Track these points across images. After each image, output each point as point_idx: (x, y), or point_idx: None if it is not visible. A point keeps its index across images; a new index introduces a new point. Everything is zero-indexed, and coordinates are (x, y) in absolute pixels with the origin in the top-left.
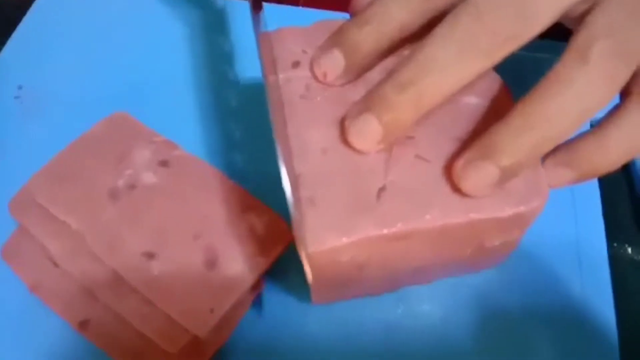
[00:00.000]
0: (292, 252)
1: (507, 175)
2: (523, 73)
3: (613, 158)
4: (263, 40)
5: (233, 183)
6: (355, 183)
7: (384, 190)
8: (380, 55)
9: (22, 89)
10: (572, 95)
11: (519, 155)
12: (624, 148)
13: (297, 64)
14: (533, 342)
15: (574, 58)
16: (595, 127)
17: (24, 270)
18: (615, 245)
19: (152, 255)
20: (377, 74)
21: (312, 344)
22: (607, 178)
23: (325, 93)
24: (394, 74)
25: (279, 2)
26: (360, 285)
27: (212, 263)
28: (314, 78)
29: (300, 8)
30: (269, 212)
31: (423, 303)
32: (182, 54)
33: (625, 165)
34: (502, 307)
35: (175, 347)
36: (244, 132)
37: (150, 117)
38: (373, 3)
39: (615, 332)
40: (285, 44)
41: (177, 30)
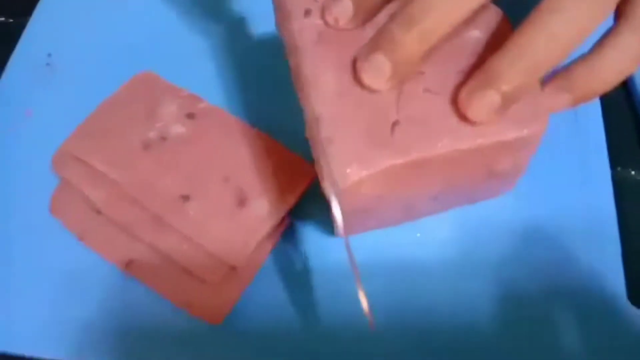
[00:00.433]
0: (313, 190)
1: (508, 100)
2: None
3: (608, 79)
4: None
5: (256, 130)
6: (370, 120)
7: (398, 125)
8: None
9: (51, 57)
10: (562, 22)
11: (517, 81)
12: (617, 68)
13: (308, 12)
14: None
15: None
16: (590, 50)
17: (71, 222)
18: (619, 169)
19: (187, 198)
20: (384, 18)
21: (336, 271)
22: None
23: (337, 38)
24: (399, 13)
25: None
26: (380, 216)
27: (242, 202)
28: (326, 24)
29: None
30: (290, 154)
31: (441, 230)
32: (202, 14)
33: (628, 92)
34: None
35: (216, 277)
36: (263, 82)
37: (174, 74)
38: None
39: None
40: None
41: None
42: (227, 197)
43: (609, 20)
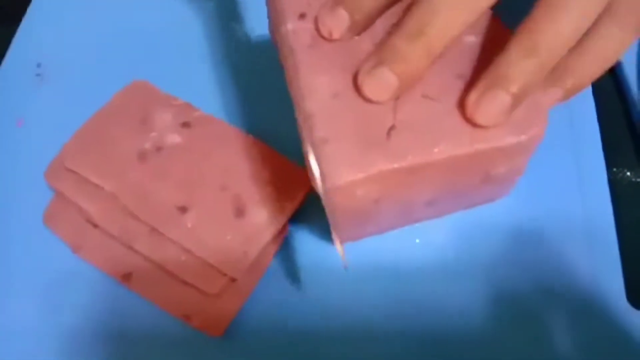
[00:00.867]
0: (312, 198)
1: (517, 100)
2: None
3: (593, 69)
4: None
5: (251, 137)
6: (366, 123)
7: (394, 129)
8: (383, 10)
9: (41, 67)
10: (560, 20)
11: (525, 80)
12: (600, 59)
13: (303, 16)
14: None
15: None
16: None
17: (66, 234)
18: (615, 170)
19: (184, 209)
20: (379, 24)
21: (336, 278)
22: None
23: (333, 43)
24: (402, 26)
25: None
26: (378, 221)
27: (240, 211)
28: (319, 35)
29: None
30: (288, 161)
31: (439, 234)
32: (191, 19)
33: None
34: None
35: (214, 289)
36: (257, 89)
37: (167, 82)
38: None
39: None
40: None
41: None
42: (225, 206)
43: None
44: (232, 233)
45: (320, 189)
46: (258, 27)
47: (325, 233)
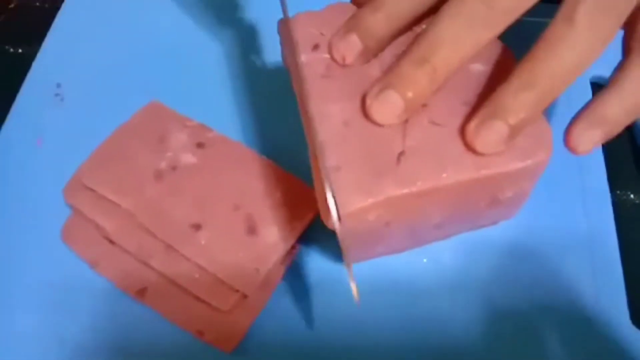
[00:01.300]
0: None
1: (515, 131)
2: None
3: (631, 109)
4: (282, 26)
5: (264, 158)
6: (376, 150)
7: (403, 155)
8: (395, 36)
9: (60, 87)
10: (561, 55)
11: (523, 112)
12: (638, 98)
13: (316, 47)
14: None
15: (562, 20)
16: (608, 86)
17: (83, 250)
18: (618, 193)
19: (198, 227)
20: (389, 51)
21: (346, 296)
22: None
23: (344, 72)
24: (409, 52)
25: None
26: (387, 243)
27: (252, 230)
28: (333, 60)
29: None
30: (299, 182)
31: (445, 253)
32: (207, 43)
33: None
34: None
35: (227, 305)
36: (269, 111)
37: (183, 103)
38: None
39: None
40: (304, 28)
41: (202, 21)
42: (237, 225)
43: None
44: (244, 251)
45: (333, 216)
46: (273, 50)
47: (334, 251)
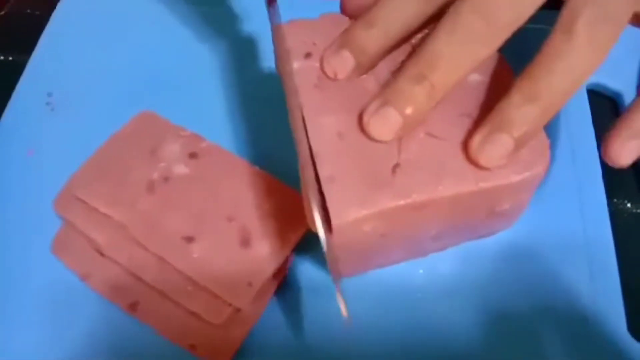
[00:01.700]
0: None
1: (519, 144)
2: (522, 45)
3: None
4: (276, 33)
5: (257, 169)
6: (371, 161)
7: (399, 167)
8: (388, 52)
9: (51, 96)
10: (562, 68)
11: (528, 125)
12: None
13: (309, 55)
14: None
15: (561, 33)
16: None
17: (74, 262)
18: (615, 201)
19: (191, 239)
20: (383, 64)
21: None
22: None
23: (337, 82)
24: (407, 69)
25: None
26: (383, 255)
27: (246, 242)
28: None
29: None
30: (293, 192)
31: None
32: (199, 51)
33: None
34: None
35: (220, 319)
36: (263, 120)
37: (175, 113)
38: (377, 4)
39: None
40: (297, 36)
41: (194, 30)
42: (231, 237)
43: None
44: (237, 264)
45: (322, 229)
46: (266, 59)
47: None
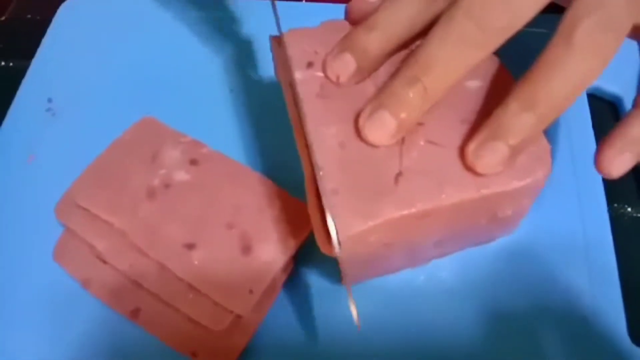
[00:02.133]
0: None
1: (515, 152)
2: (521, 49)
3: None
4: (275, 42)
5: (258, 175)
6: (374, 171)
7: (401, 175)
8: (389, 55)
9: (52, 102)
10: (561, 77)
11: (524, 133)
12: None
13: (310, 64)
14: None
15: (561, 41)
16: (634, 107)
17: (75, 269)
18: (616, 206)
19: (192, 246)
20: (384, 70)
21: (342, 315)
22: None
23: (339, 91)
24: (401, 73)
25: None
26: (387, 263)
27: (247, 249)
28: (327, 79)
29: (304, 3)
30: (292, 198)
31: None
32: (201, 57)
33: None
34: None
35: (221, 326)
36: (264, 126)
37: (175, 119)
38: (378, 9)
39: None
40: (298, 45)
41: (196, 35)
42: (231, 244)
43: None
44: (238, 271)
45: (334, 241)
46: (268, 65)
47: (329, 268)
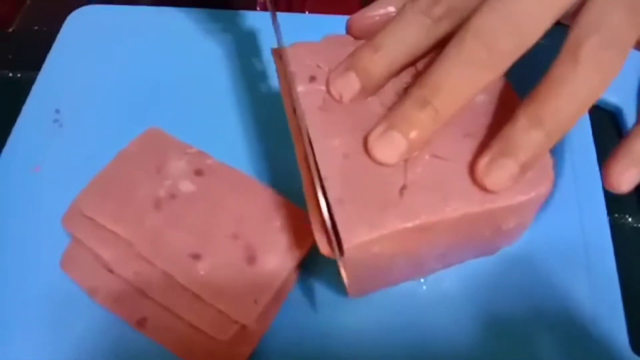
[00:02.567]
0: None
1: (525, 169)
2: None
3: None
4: (278, 56)
5: (263, 185)
6: (378, 184)
7: (406, 189)
8: (393, 75)
9: (59, 113)
10: (567, 94)
11: (532, 150)
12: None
13: (313, 78)
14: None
15: (566, 59)
16: (639, 122)
17: (82, 278)
18: (616, 216)
19: (197, 256)
20: (389, 86)
21: (345, 326)
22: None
23: (342, 105)
24: (411, 94)
25: (286, 9)
26: (390, 275)
27: (251, 259)
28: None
29: (307, 15)
30: (297, 209)
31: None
32: (207, 69)
33: None
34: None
35: (226, 336)
36: (269, 138)
37: (181, 130)
38: (384, 28)
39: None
40: (301, 59)
41: (201, 47)
42: (236, 254)
43: None
44: (243, 281)
45: (335, 249)
46: (273, 77)
47: (335, 281)
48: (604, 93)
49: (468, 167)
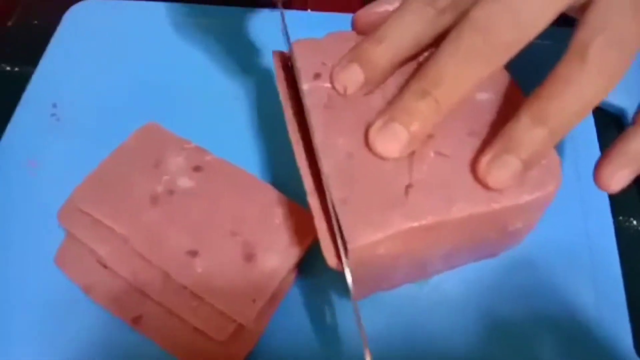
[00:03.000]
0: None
1: (527, 167)
2: (528, 61)
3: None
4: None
5: (262, 182)
6: (383, 182)
7: (411, 187)
8: (397, 67)
9: (57, 107)
10: (573, 93)
11: (535, 148)
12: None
13: (318, 76)
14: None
15: (573, 58)
16: (634, 124)
17: (77, 274)
18: (621, 219)
19: (195, 253)
20: (392, 81)
21: (345, 325)
22: None
23: (347, 102)
24: (411, 86)
25: (288, 7)
26: (393, 276)
27: (250, 257)
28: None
29: (310, 12)
30: (296, 206)
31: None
32: (205, 64)
33: None
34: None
35: (223, 335)
36: (268, 135)
37: (179, 125)
38: (387, 21)
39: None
40: (305, 56)
41: (200, 42)
42: (234, 252)
43: None
44: (241, 279)
45: (342, 254)
46: (272, 74)
47: (335, 281)
48: (609, 95)
49: (473, 166)
